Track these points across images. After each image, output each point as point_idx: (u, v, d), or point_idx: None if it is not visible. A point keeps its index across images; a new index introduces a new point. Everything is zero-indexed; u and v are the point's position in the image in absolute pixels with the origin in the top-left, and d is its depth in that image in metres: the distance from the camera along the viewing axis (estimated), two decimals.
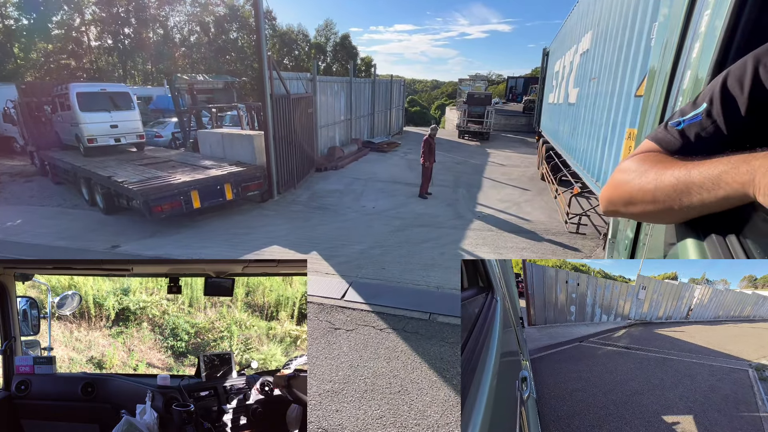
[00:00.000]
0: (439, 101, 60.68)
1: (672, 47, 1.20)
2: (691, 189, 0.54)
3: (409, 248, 6.28)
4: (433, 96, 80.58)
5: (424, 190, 9.37)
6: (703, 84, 0.88)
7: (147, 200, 6.58)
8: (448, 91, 71.37)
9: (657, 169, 0.62)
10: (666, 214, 0.61)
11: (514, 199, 9.35)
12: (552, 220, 7.78)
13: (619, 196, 0.70)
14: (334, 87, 12.93)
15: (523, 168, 13.21)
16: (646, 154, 0.70)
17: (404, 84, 23.72)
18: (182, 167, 8.43)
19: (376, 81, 16.94)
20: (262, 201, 8.90)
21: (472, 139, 21.25)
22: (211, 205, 7.66)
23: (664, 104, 1.24)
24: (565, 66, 9.77)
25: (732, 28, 0.82)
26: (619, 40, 5.14)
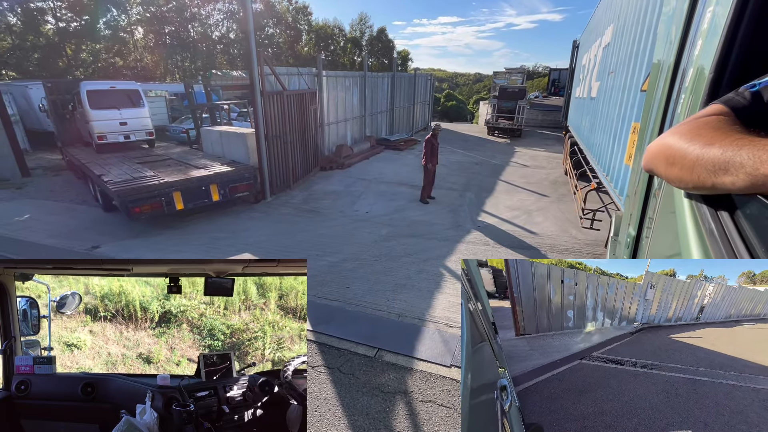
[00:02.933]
0: (478, 95, 58.41)
1: (675, 43, 1.21)
2: (729, 168, 0.51)
3: (387, 263, 5.65)
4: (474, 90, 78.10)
5: (425, 194, 8.64)
6: (706, 79, 0.88)
7: (124, 201, 6.46)
8: (490, 84, 68.65)
9: (711, 135, 0.59)
10: (699, 186, 0.59)
11: (527, 206, 8.36)
12: (562, 234, 6.78)
13: (663, 154, 0.68)
14: (345, 82, 12.39)
15: (549, 170, 11.98)
16: (706, 118, 0.66)
17: (432, 78, 22.71)
18: (177, 166, 8.32)
19: (396, 75, 16.18)
20: (255, 202, 8.63)
21: (502, 136, 19.94)
22: (196, 207, 7.46)
23: (667, 99, 1.24)
24: (590, 59, 8.84)
25: (735, 23, 0.81)
26: (632, 35, 4.69)
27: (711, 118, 0.66)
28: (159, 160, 8.95)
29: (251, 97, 7.77)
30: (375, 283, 5.07)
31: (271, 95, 8.17)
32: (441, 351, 3.78)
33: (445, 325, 4.20)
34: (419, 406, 3.10)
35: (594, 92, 7.37)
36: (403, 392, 3.25)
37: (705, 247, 0.65)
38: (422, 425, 2.92)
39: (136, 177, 7.30)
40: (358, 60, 42.54)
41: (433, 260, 5.74)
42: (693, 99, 0.99)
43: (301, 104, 9.37)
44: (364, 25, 42.79)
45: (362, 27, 42.81)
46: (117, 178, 7.18)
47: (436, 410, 3.06)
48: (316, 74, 10.71)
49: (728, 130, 0.60)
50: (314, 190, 9.49)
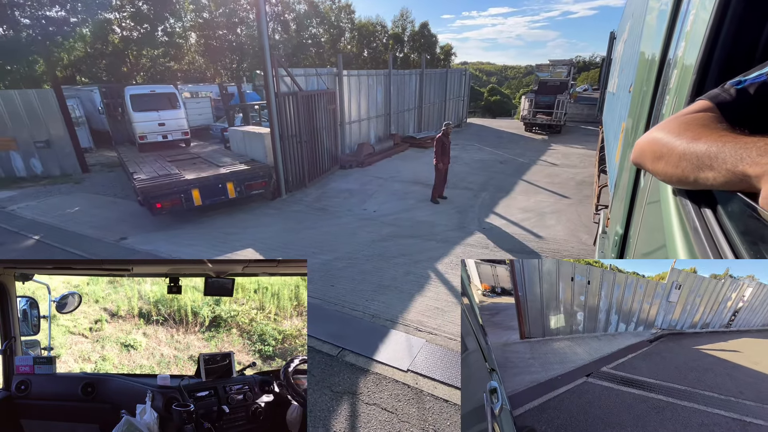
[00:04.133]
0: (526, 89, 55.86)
1: (660, 42, 1.23)
2: (713, 163, 0.53)
3: (377, 263, 5.69)
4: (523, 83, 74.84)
5: (436, 194, 8.52)
6: (689, 79, 0.88)
7: (147, 197, 7.06)
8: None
9: (696, 132, 0.61)
10: (684, 181, 0.60)
11: (542, 208, 7.95)
12: (571, 238, 6.39)
13: (651, 149, 0.69)
14: (368, 81, 12.48)
15: (579, 169, 11.26)
16: (693, 115, 0.67)
17: (467, 72, 22.10)
18: (201, 164, 8.92)
19: (425, 72, 15.97)
20: (272, 199, 9.02)
21: (540, 132, 18.98)
22: (213, 203, 7.96)
23: (653, 97, 1.26)
24: (618, 53, 8.16)
25: (718, 23, 0.82)
26: (636, 31, 4.30)
27: (698, 115, 0.67)
28: (188, 159, 9.64)
29: (266, 99, 8.12)
30: (359, 283, 5.13)
31: (286, 96, 8.47)
32: (402, 355, 3.77)
33: (414, 329, 4.18)
34: (362, 408, 3.14)
35: (614, 87, 6.89)
36: (351, 393, 3.30)
37: (690, 244, 0.66)
38: (359, 427, 2.96)
39: (161, 174, 7.94)
40: (400, 56, 42.41)
41: (424, 262, 5.69)
42: (678, 99, 1.00)
43: (318, 104, 9.62)
44: (406, 21, 42.49)
45: (404, 23, 42.54)
46: (145, 175, 7.85)
47: (377, 414, 3.08)
48: (336, 74, 10.90)
49: (713, 126, 0.61)
50: (329, 189, 9.71)
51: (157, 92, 11.03)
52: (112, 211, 8.97)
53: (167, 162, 9.22)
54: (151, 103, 10.74)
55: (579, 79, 67.93)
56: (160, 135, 11.02)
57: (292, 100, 8.63)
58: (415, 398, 3.26)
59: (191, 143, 12.06)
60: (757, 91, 0.63)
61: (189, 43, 31.11)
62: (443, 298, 4.75)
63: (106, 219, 8.40)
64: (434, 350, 3.85)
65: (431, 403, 3.20)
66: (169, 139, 11.21)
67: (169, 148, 11.35)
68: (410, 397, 3.26)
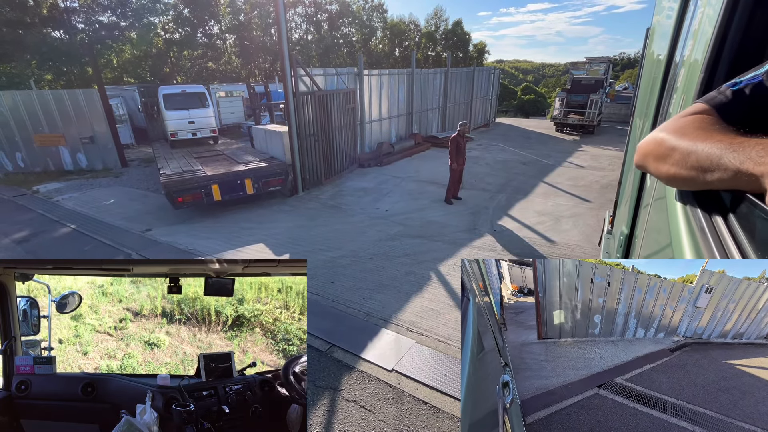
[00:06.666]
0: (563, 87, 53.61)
1: (667, 41, 1.20)
2: (717, 164, 0.53)
3: (380, 262, 5.72)
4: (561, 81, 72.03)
5: (451, 195, 8.41)
6: (696, 78, 0.86)
7: (169, 191, 7.46)
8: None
9: (696, 134, 0.61)
10: (688, 183, 0.61)
11: (559, 212, 7.66)
12: (585, 244, 6.12)
13: (654, 152, 0.70)
14: (389, 80, 12.48)
15: (607, 171, 10.73)
16: (691, 117, 0.68)
17: (497, 71, 21.57)
18: (224, 161, 9.30)
19: (450, 70, 15.76)
20: (289, 196, 9.26)
21: (572, 132, 18.24)
22: (232, 199, 8.28)
23: (659, 97, 1.24)
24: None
25: (726, 23, 0.81)
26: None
27: (696, 117, 0.68)
28: (213, 156, 10.07)
29: (285, 98, 8.33)
30: (359, 281, 5.18)
31: (304, 95, 8.66)
32: (389, 355, 3.78)
33: (406, 329, 4.17)
34: (341, 404, 3.18)
35: None
36: (333, 388, 3.36)
37: (696, 244, 0.65)
38: (335, 423, 3.01)
39: (185, 170, 8.35)
40: (432, 55, 42.08)
41: (427, 262, 5.65)
42: (685, 98, 0.99)
43: (336, 103, 9.75)
44: (440, 19, 42.07)
45: (437, 21, 42.14)
46: (170, 170, 8.29)
47: (355, 411, 3.11)
48: (356, 73, 10.99)
49: (713, 128, 0.62)
50: (345, 187, 9.83)
51: (188, 92, 11.58)
52: (143, 203, 9.54)
53: (194, 158, 9.68)
54: (182, 102, 11.30)
55: (622, 77, 64.42)
56: (189, 132, 11.57)
57: (310, 99, 8.81)
58: (395, 398, 3.26)
59: (219, 140, 12.58)
60: (753, 92, 0.63)
61: (226, 44, 32.45)
62: (440, 299, 4.70)
63: (137, 211, 8.94)
64: (422, 352, 3.83)
65: (410, 404, 3.20)
66: (198, 137, 11.75)
67: (197, 145, 11.92)
68: (390, 397, 3.27)
